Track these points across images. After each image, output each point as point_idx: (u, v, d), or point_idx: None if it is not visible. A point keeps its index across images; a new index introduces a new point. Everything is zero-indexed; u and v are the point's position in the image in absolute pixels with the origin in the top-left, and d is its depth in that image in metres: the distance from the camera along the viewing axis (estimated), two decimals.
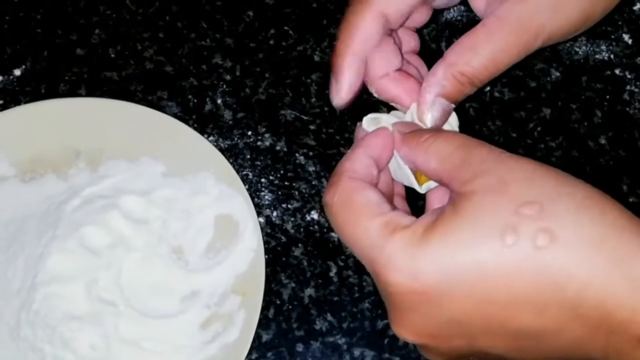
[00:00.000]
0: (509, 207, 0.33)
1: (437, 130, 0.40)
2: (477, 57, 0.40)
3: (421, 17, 0.46)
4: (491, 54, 0.40)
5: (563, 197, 0.33)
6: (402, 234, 0.35)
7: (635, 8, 0.58)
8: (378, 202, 0.37)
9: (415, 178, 0.41)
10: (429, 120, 0.41)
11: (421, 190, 0.42)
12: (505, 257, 0.33)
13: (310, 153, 0.54)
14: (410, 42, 0.46)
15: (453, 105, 0.42)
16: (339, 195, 0.38)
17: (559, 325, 0.33)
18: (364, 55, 0.42)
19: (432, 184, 0.41)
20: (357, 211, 0.37)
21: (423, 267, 0.34)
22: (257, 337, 0.49)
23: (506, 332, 0.34)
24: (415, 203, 0.45)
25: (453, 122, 0.43)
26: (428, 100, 0.41)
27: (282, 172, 0.54)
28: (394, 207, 0.38)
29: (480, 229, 0.33)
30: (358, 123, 0.44)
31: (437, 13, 0.48)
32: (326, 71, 0.56)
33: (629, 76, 0.56)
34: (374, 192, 0.38)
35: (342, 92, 0.43)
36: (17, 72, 0.56)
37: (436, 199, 0.42)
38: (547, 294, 0.33)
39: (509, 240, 0.33)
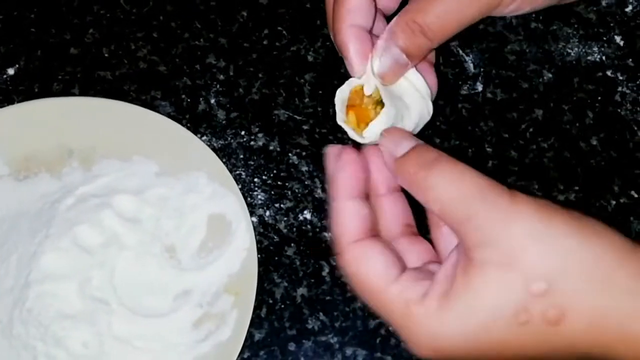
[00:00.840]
0: (521, 286, 0.34)
1: (433, 158, 0.37)
2: (431, 6, 0.40)
3: None
4: (447, 6, 0.40)
5: (569, 271, 0.34)
6: (417, 311, 0.36)
7: (627, 10, 0.58)
8: (385, 269, 0.37)
9: (355, 128, 0.41)
10: (376, 66, 0.41)
11: (364, 140, 0.41)
12: (519, 335, 0.35)
13: (304, 153, 0.54)
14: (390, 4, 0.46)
15: (407, 60, 0.41)
16: (347, 269, 0.38)
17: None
18: (361, 23, 0.42)
19: (373, 135, 0.41)
20: (368, 285, 0.38)
21: (443, 346, 0.36)
22: (249, 336, 0.50)
23: None
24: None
25: (422, 89, 0.43)
26: (379, 47, 0.41)
27: (275, 171, 0.54)
28: (402, 267, 0.38)
29: (494, 309, 0.34)
30: (326, 148, 0.42)
31: None
32: (320, 71, 0.56)
33: (620, 77, 0.57)
34: (379, 256, 0.38)
35: (354, 66, 0.42)
36: (11, 71, 0.56)
37: (445, 239, 0.41)
38: (561, 357, 0.35)
39: (522, 319, 0.34)
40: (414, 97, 0.42)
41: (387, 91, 0.42)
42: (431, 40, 0.41)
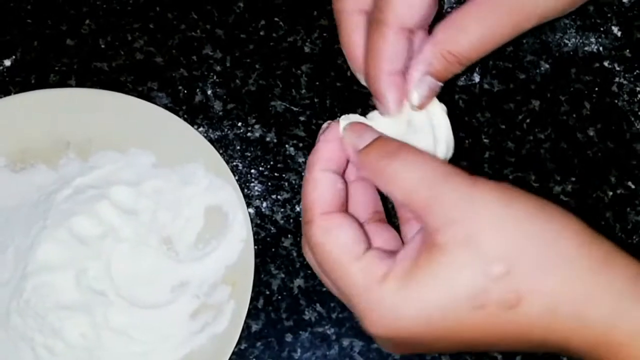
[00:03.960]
0: (479, 267, 0.34)
1: (395, 148, 0.38)
2: (466, 36, 0.40)
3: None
4: (481, 34, 0.40)
5: (528, 254, 0.34)
6: (378, 288, 0.36)
7: (624, 0, 0.58)
8: (352, 244, 0.37)
9: None
10: (415, 99, 0.41)
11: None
12: (476, 317, 0.35)
13: (300, 144, 0.54)
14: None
15: (440, 84, 0.41)
16: (313, 239, 0.38)
17: (531, 348, 0.37)
18: (398, 68, 0.41)
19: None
20: (332, 258, 0.37)
21: (401, 324, 0.36)
22: (246, 327, 0.50)
23: (484, 349, 0.39)
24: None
25: (442, 121, 0.42)
26: (415, 78, 0.41)
27: (271, 163, 0.54)
28: (368, 245, 0.38)
29: (453, 290, 0.35)
30: (324, 124, 0.42)
31: None
32: (316, 62, 0.56)
33: (617, 68, 0.56)
34: (348, 230, 0.38)
35: (391, 112, 0.42)
36: (7, 63, 0.56)
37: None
38: (516, 341, 0.36)
39: (478, 302, 0.34)
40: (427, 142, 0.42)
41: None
42: (465, 65, 0.41)
